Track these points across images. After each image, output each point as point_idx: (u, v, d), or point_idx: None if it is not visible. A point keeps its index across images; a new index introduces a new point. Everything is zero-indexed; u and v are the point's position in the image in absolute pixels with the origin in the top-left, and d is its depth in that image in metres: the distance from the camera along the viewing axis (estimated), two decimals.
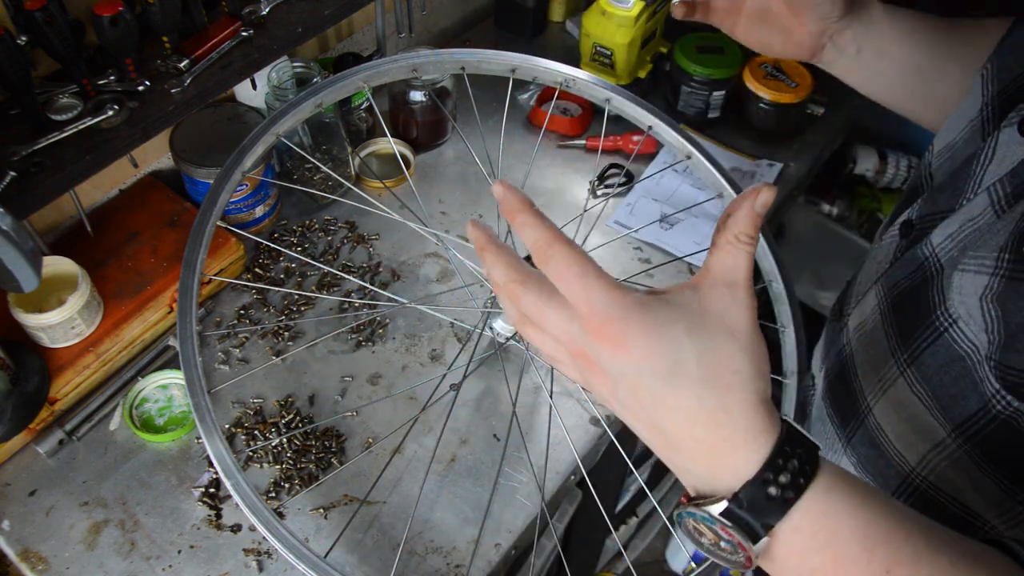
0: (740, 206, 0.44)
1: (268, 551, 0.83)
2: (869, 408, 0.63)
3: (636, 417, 0.44)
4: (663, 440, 0.44)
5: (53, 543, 0.83)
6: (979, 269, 0.50)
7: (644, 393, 0.42)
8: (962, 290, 0.52)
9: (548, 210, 1.17)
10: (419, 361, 1.00)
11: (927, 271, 0.58)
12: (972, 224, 0.54)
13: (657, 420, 0.43)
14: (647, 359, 0.41)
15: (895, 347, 0.60)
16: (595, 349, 0.43)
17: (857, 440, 0.66)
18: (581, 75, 0.95)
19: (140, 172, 1.09)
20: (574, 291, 0.43)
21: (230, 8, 0.98)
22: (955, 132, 0.63)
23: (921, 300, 0.57)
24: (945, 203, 0.59)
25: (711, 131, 1.29)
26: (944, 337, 0.54)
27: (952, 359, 0.54)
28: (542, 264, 0.44)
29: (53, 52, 0.82)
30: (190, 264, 0.77)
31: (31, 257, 0.70)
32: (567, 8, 1.49)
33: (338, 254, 1.10)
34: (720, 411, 0.41)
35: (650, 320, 0.42)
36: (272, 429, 0.91)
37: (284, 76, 1.04)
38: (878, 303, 0.63)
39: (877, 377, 0.62)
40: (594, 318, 0.42)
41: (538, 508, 0.88)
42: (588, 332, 0.43)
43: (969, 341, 0.52)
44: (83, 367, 0.90)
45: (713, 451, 0.42)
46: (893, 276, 0.62)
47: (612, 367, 0.43)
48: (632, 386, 0.43)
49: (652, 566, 1.95)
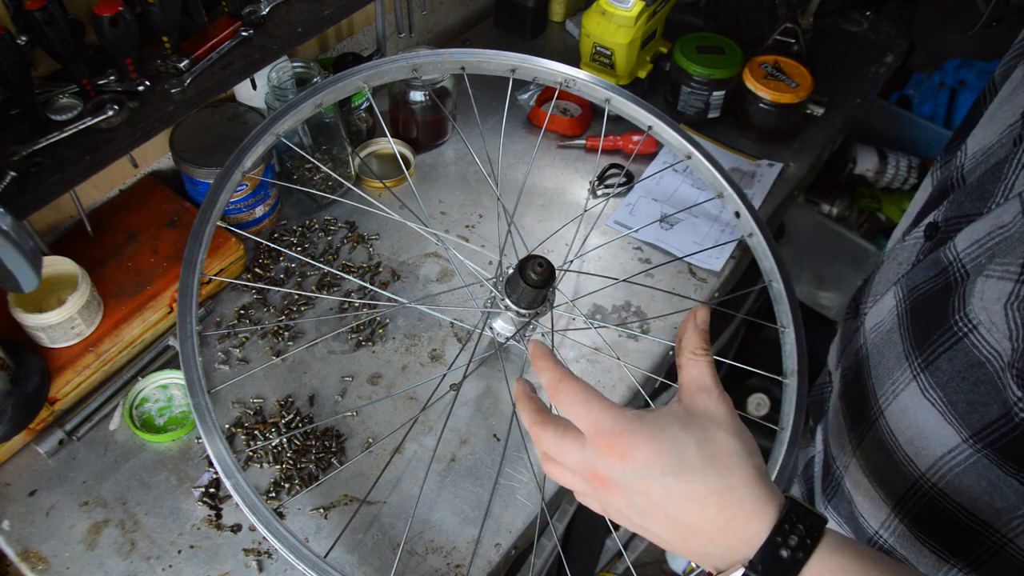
0: (686, 328, 0.55)
1: (268, 551, 0.83)
2: (880, 411, 0.63)
3: (654, 517, 0.49)
4: (682, 531, 0.48)
5: (53, 543, 0.83)
6: (1003, 275, 0.49)
7: (657, 491, 0.48)
8: (984, 296, 0.51)
9: (548, 210, 1.18)
10: (419, 361, 1.00)
11: (950, 276, 0.56)
12: (1002, 232, 0.52)
13: (673, 513, 0.48)
14: (654, 459, 0.48)
15: (910, 350, 0.59)
16: (607, 464, 0.49)
17: (868, 443, 0.65)
18: (581, 75, 0.95)
19: (140, 172, 1.09)
20: (581, 416, 0.50)
21: (230, 8, 0.98)
22: (993, 136, 0.61)
23: (940, 304, 0.56)
24: (972, 207, 0.58)
25: (711, 131, 1.29)
26: (963, 343, 0.54)
27: (971, 365, 0.53)
28: (553, 398, 0.52)
29: (53, 52, 0.83)
30: (190, 264, 0.77)
31: (31, 257, 0.70)
32: (567, 8, 1.49)
33: (338, 254, 1.10)
34: (727, 490, 0.47)
35: (649, 427, 0.49)
36: (272, 429, 0.91)
37: (284, 76, 1.04)
38: (896, 304, 0.63)
39: (890, 380, 0.61)
40: (602, 436, 0.49)
41: (538, 508, 0.88)
42: (599, 450, 0.49)
43: (991, 347, 0.51)
44: (83, 367, 0.90)
45: (726, 529, 0.47)
46: (914, 278, 0.61)
47: (624, 476, 0.48)
48: (646, 488, 0.48)
49: (652, 566, 1.95)
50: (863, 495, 0.67)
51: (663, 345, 1.02)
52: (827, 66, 1.38)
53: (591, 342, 1.00)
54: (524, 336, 0.86)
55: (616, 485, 0.49)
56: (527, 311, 0.79)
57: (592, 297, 1.06)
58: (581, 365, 1.00)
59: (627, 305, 1.06)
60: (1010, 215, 0.52)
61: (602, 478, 0.50)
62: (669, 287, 1.08)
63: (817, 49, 1.36)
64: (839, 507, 0.72)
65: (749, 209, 0.94)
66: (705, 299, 1.08)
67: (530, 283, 0.75)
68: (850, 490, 0.69)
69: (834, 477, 0.72)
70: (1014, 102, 0.60)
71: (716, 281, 1.10)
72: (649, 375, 0.99)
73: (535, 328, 0.87)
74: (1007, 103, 0.61)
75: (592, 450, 0.50)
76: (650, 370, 1.00)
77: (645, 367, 1.00)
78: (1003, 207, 0.53)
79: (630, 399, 0.98)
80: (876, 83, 1.45)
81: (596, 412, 0.50)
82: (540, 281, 0.75)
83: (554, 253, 1.08)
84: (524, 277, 0.75)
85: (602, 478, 0.50)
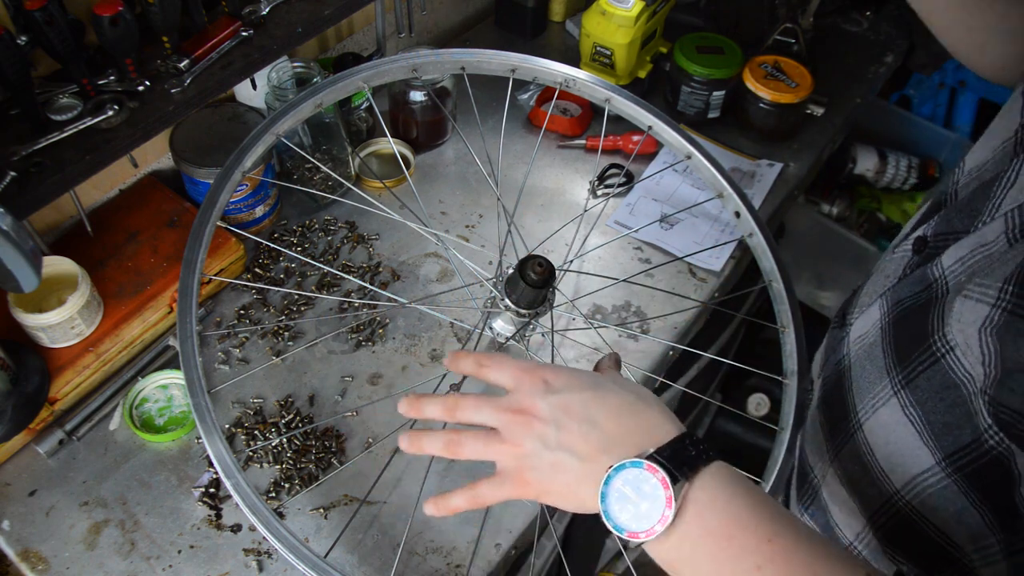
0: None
1: (268, 551, 0.83)
2: (859, 424, 0.62)
3: (571, 431, 0.54)
4: (599, 439, 0.54)
5: (53, 543, 0.83)
6: (980, 298, 0.49)
7: (576, 403, 0.55)
8: (961, 318, 0.51)
9: (548, 210, 1.18)
10: (419, 361, 0.99)
11: (933, 292, 0.56)
12: (984, 250, 0.52)
13: (590, 418, 0.54)
14: (574, 381, 0.56)
15: (891, 365, 0.59)
16: (531, 392, 0.56)
17: (845, 455, 0.65)
18: (581, 75, 0.95)
19: (140, 172, 1.09)
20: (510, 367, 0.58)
21: (230, 8, 0.98)
22: (987, 152, 0.60)
23: (922, 321, 0.56)
24: (960, 224, 0.58)
25: (711, 131, 1.29)
26: (941, 363, 0.53)
27: (947, 386, 0.53)
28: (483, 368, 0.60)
29: (53, 52, 0.82)
30: (190, 264, 0.77)
31: (31, 257, 0.70)
32: (567, 8, 1.49)
33: (338, 254, 1.10)
34: (640, 403, 0.55)
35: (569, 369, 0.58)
36: (272, 429, 0.91)
37: (284, 76, 1.04)
38: (880, 317, 0.62)
39: (871, 394, 0.61)
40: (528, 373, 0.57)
41: (538, 508, 0.88)
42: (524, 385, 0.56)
43: (965, 371, 0.51)
44: (83, 367, 0.90)
45: (637, 430, 0.54)
46: (899, 292, 0.61)
47: (546, 396, 0.55)
48: (564, 403, 0.55)
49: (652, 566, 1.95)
50: (839, 505, 0.67)
51: (663, 345, 1.02)
52: (827, 66, 1.38)
53: (591, 342, 1.00)
54: (524, 336, 0.86)
55: (538, 410, 0.55)
56: (527, 311, 0.79)
57: (592, 297, 1.06)
58: (581, 365, 1.00)
59: (627, 305, 1.06)
60: (993, 234, 0.52)
61: (524, 410, 0.55)
62: (669, 287, 1.08)
63: (817, 49, 1.36)
64: (815, 516, 0.71)
65: (749, 209, 0.94)
66: (705, 299, 1.08)
67: (530, 283, 0.75)
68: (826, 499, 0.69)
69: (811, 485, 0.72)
70: (1009, 117, 0.60)
71: (716, 281, 1.10)
72: (649, 375, 0.99)
73: (535, 328, 0.87)
74: (1003, 118, 0.61)
75: (515, 392, 0.57)
76: (650, 370, 1.00)
77: (645, 367, 1.00)
78: (989, 226, 0.53)
79: None
80: (876, 83, 1.45)
81: (523, 363, 0.58)
82: (540, 281, 0.75)
83: (554, 253, 1.08)
84: (524, 277, 0.75)
85: (524, 410, 0.55)
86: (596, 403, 0.54)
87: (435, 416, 0.60)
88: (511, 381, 0.57)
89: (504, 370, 0.58)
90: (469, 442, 0.58)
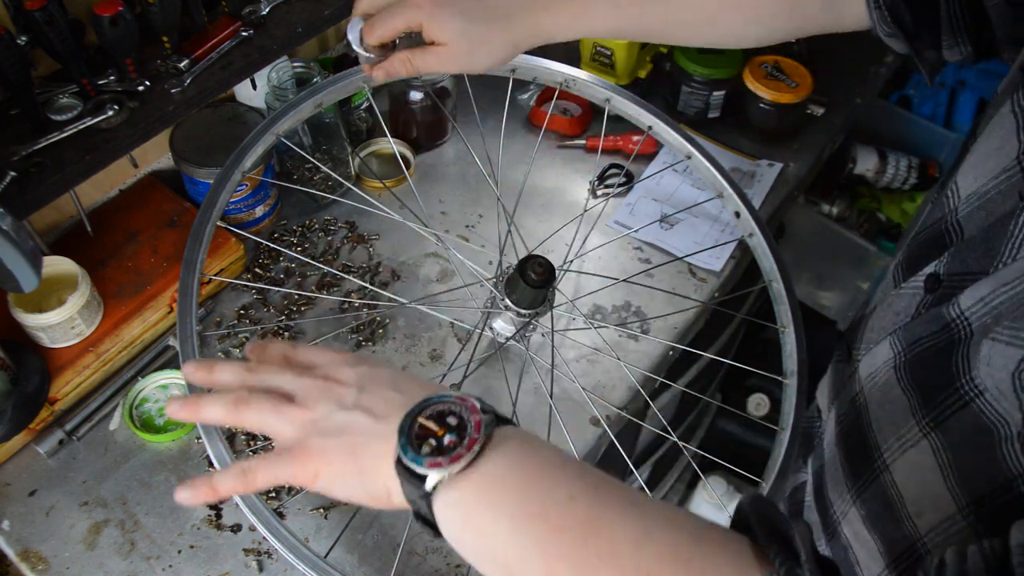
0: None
1: (268, 551, 0.83)
2: (885, 465, 0.60)
3: (374, 394, 0.54)
4: (401, 402, 0.53)
5: (53, 543, 0.83)
6: (1011, 340, 0.47)
7: (385, 377, 0.56)
8: (991, 362, 0.48)
9: (548, 210, 1.18)
10: (419, 361, 1.00)
11: (955, 334, 0.54)
12: (1007, 289, 0.50)
13: (397, 387, 0.55)
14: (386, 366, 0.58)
15: (916, 408, 0.57)
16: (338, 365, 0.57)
17: (869, 495, 0.63)
18: (581, 75, 0.95)
19: (140, 172, 1.09)
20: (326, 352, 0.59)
21: (230, 8, 0.98)
22: (985, 177, 0.57)
23: (944, 364, 0.54)
24: (977, 264, 0.55)
25: (711, 131, 1.29)
26: (970, 407, 0.51)
27: (979, 429, 0.51)
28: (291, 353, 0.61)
29: (53, 52, 0.83)
30: (190, 264, 0.77)
31: (31, 257, 0.70)
32: None
33: (338, 254, 1.10)
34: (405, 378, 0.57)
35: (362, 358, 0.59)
36: None
37: (284, 76, 1.04)
38: (894, 357, 0.60)
39: (896, 436, 0.59)
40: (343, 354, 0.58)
41: None
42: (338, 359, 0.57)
43: (999, 415, 0.49)
44: (83, 367, 0.90)
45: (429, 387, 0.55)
46: (914, 332, 0.59)
47: (354, 368, 0.56)
48: (373, 376, 0.56)
49: None
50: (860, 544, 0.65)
51: (663, 345, 1.02)
52: (827, 66, 1.38)
53: (591, 342, 1.00)
54: (524, 336, 0.86)
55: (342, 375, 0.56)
56: (527, 311, 0.79)
57: (592, 297, 1.06)
58: (581, 365, 1.00)
59: (627, 305, 1.06)
60: (1015, 272, 0.50)
61: (329, 375, 0.56)
62: (669, 287, 1.08)
63: (817, 49, 1.36)
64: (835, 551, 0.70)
65: (749, 209, 0.94)
66: (705, 299, 1.08)
67: (530, 283, 0.75)
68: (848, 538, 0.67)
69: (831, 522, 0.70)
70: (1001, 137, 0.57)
71: (716, 281, 1.10)
72: (649, 375, 0.99)
73: (535, 328, 0.87)
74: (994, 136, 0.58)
75: (324, 365, 0.57)
76: (650, 370, 1.00)
77: (645, 367, 1.00)
78: (1009, 267, 0.51)
79: (630, 399, 0.98)
80: (876, 83, 1.45)
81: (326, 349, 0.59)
82: (540, 281, 0.75)
83: (554, 253, 1.07)
84: (524, 277, 0.75)
85: (329, 375, 0.56)
86: (407, 379, 0.56)
87: (228, 382, 0.58)
88: (326, 360, 0.58)
89: (322, 352, 0.59)
90: (256, 402, 0.55)
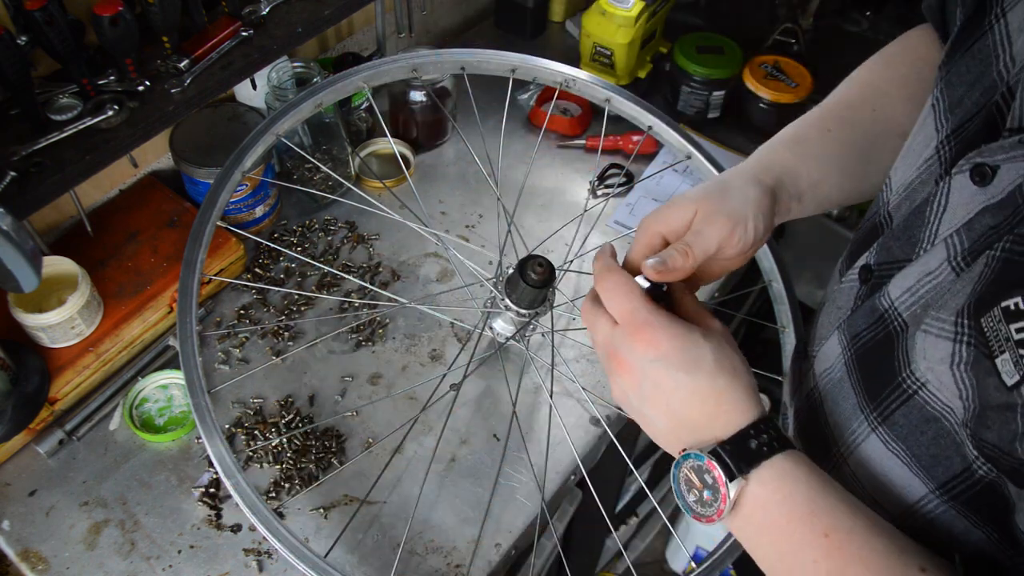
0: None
1: (268, 551, 0.83)
2: (843, 458, 0.62)
3: (655, 403, 0.55)
4: (675, 421, 0.55)
5: (53, 543, 0.83)
6: (940, 333, 0.48)
7: (668, 381, 0.54)
8: (926, 355, 0.50)
9: (548, 210, 1.18)
10: (419, 361, 1.00)
11: (889, 326, 0.55)
12: (930, 279, 0.51)
13: (675, 404, 0.55)
14: (673, 353, 0.54)
15: (863, 403, 0.58)
16: (630, 349, 0.55)
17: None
18: (581, 75, 0.95)
19: (140, 172, 1.09)
20: (621, 302, 0.57)
21: (230, 8, 0.98)
22: (911, 169, 0.59)
23: (886, 358, 0.55)
24: (901, 252, 0.56)
25: (711, 131, 1.29)
26: (915, 399, 0.53)
27: (927, 419, 0.52)
28: (598, 284, 0.59)
29: (53, 52, 0.83)
30: (190, 264, 0.77)
31: (31, 257, 0.70)
32: (567, 8, 1.49)
33: (338, 254, 1.10)
34: (727, 391, 0.54)
35: (676, 328, 0.55)
36: (272, 429, 0.91)
37: (284, 76, 1.04)
38: (842, 352, 0.61)
39: (848, 430, 0.60)
40: (632, 324, 0.55)
41: (538, 508, 0.88)
42: (626, 335, 0.55)
43: (943, 404, 0.50)
44: (83, 367, 0.90)
45: (715, 420, 0.54)
46: (854, 325, 0.60)
47: (643, 362, 0.55)
48: (657, 377, 0.54)
49: (652, 566, 1.95)
50: None
51: None
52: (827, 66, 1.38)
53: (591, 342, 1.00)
54: (524, 336, 0.86)
55: (632, 368, 0.55)
56: (527, 311, 0.79)
57: None
58: (581, 365, 1.00)
59: None
60: (936, 261, 0.51)
61: (621, 359, 0.56)
62: None
63: (817, 49, 1.36)
64: None
65: None
66: (705, 299, 1.08)
67: (530, 283, 0.75)
68: None
69: None
70: (924, 132, 0.58)
71: (716, 281, 1.10)
72: None
73: (535, 328, 0.87)
74: (920, 133, 0.59)
75: (620, 333, 0.56)
76: None
77: None
78: (930, 253, 0.52)
79: None
80: None
81: (634, 301, 0.56)
82: (540, 281, 0.75)
83: (554, 253, 1.08)
84: (524, 277, 0.75)
85: (621, 359, 0.56)
86: (685, 389, 0.54)
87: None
88: (619, 315, 0.57)
89: (617, 301, 0.57)
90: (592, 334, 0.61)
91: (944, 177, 0.52)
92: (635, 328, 0.55)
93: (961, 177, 0.50)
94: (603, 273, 0.59)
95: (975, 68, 0.54)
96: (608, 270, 0.59)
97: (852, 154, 0.72)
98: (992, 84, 0.51)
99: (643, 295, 0.57)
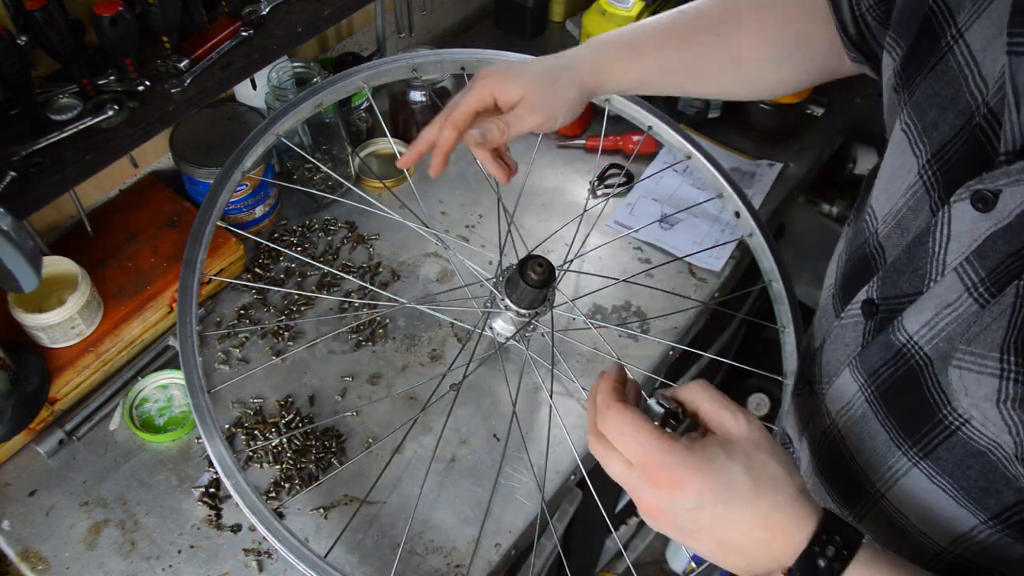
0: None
1: (268, 551, 0.83)
2: (880, 494, 0.61)
3: (699, 539, 0.51)
4: (727, 550, 0.50)
5: (53, 543, 0.83)
6: (981, 370, 0.47)
7: (705, 519, 0.49)
8: (969, 392, 0.48)
9: (548, 210, 1.18)
10: (419, 361, 1.00)
11: (911, 360, 0.54)
12: (950, 311, 0.50)
13: (721, 536, 0.50)
14: (704, 490, 0.49)
15: (898, 440, 0.57)
16: (656, 495, 0.50)
17: (871, 520, 0.63)
18: None
19: (140, 172, 1.09)
20: (629, 444, 0.51)
21: (230, 8, 0.98)
22: (896, 196, 0.58)
23: (917, 395, 0.54)
24: (909, 285, 0.55)
25: (711, 131, 1.29)
26: (958, 435, 0.51)
27: (971, 454, 0.51)
28: (601, 424, 0.53)
29: (53, 52, 0.83)
30: (190, 264, 0.77)
31: (31, 257, 0.70)
32: (567, 8, 1.49)
33: (338, 254, 1.10)
34: (773, 511, 0.49)
35: (697, 458, 0.49)
36: (272, 429, 0.91)
37: (284, 76, 1.04)
38: (860, 389, 0.60)
39: (884, 466, 0.59)
40: (650, 468, 0.50)
41: (538, 508, 0.88)
42: (647, 480, 0.50)
43: (989, 439, 0.49)
44: (83, 367, 0.90)
45: (771, 545, 0.49)
46: (870, 363, 0.59)
47: (674, 507, 0.50)
48: (693, 516, 0.49)
49: (652, 566, 1.95)
50: None
51: (663, 345, 1.02)
52: None
53: (591, 342, 1.00)
54: (524, 336, 0.86)
55: (662, 512, 0.51)
56: (527, 311, 0.79)
57: (592, 297, 1.06)
58: (581, 365, 1.00)
59: (627, 305, 1.06)
60: (954, 293, 0.50)
61: (648, 505, 0.51)
62: (669, 287, 1.08)
63: None
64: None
65: (749, 209, 0.94)
66: (705, 299, 1.08)
67: (530, 283, 0.75)
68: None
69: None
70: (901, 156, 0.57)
71: (716, 281, 1.10)
72: (649, 375, 0.99)
73: (535, 328, 0.87)
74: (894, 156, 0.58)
75: (639, 479, 0.51)
76: (650, 370, 1.00)
77: (645, 367, 1.00)
78: (941, 284, 0.51)
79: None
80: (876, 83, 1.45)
81: (644, 443, 0.50)
82: (540, 281, 0.75)
83: (554, 253, 1.08)
84: (524, 277, 0.75)
85: (648, 505, 0.51)
86: (726, 520, 0.49)
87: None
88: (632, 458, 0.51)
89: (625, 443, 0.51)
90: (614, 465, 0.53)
91: (941, 205, 0.51)
92: (652, 472, 0.50)
93: (961, 205, 0.49)
94: (605, 412, 0.53)
95: (944, 90, 0.52)
96: (608, 408, 0.53)
97: (680, 72, 0.80)
98: (967, 106, 0.50)
99: (651, 430, 0.51)
